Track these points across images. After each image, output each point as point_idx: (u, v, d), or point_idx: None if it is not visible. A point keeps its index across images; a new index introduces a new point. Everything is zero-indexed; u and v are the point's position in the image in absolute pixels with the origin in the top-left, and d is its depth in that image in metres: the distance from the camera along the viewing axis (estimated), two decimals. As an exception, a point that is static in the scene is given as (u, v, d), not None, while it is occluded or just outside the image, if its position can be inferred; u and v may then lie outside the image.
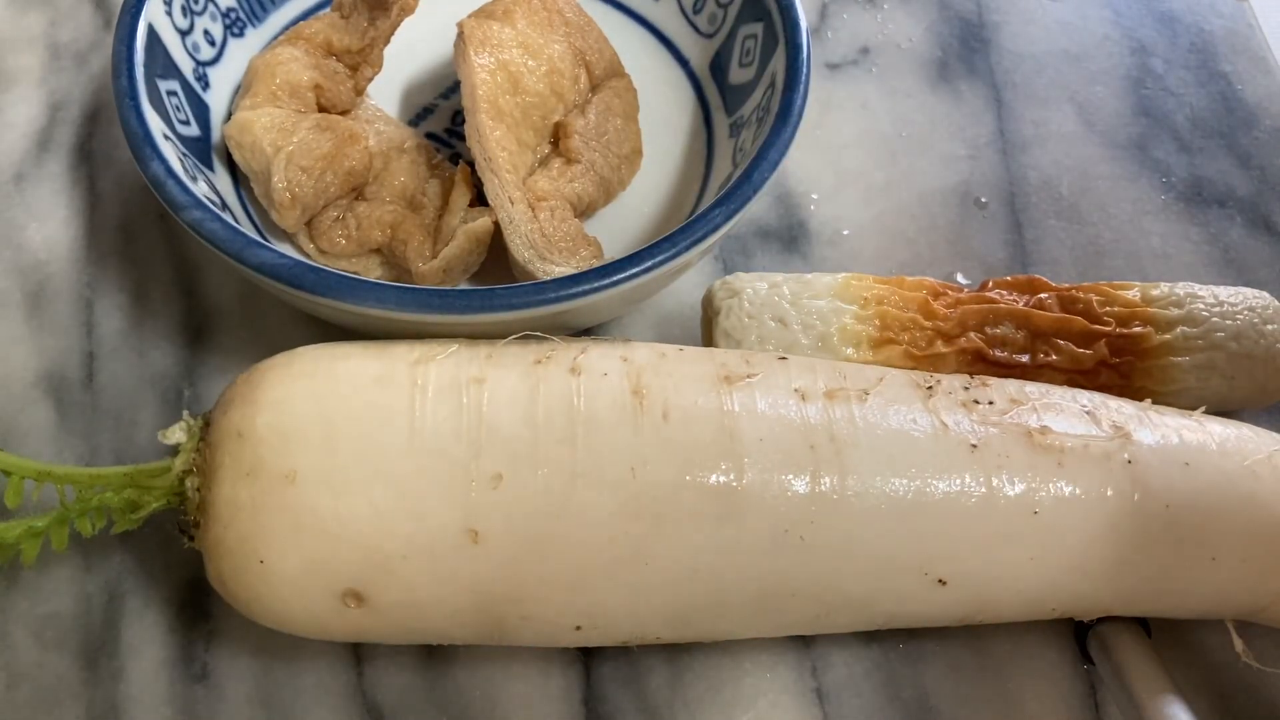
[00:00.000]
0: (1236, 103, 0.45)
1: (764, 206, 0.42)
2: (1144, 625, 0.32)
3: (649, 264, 0.32)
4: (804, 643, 0.33)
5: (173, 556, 0.33)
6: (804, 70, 0.37)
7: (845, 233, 0.41)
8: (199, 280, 0.39)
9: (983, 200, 0.42)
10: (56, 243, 0.39)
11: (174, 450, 0.30)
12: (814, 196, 0.42)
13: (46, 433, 0.35)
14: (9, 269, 0.39)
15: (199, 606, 0.33)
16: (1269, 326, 0.34)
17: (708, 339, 0.35)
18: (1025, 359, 0.34)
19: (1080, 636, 0.32)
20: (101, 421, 0.36)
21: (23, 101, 0.43)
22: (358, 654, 0.32)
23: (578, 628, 0.29)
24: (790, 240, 0.41)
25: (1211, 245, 0.41)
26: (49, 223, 0.40)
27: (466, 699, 0.32)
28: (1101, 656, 0.31)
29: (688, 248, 0.33)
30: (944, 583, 0.29)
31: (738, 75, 0.40)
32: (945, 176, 0.43)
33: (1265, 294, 0.35)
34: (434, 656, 0.32)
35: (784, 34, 0.38)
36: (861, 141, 0.44)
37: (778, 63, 0.38)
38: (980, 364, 0.33)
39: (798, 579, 0.29)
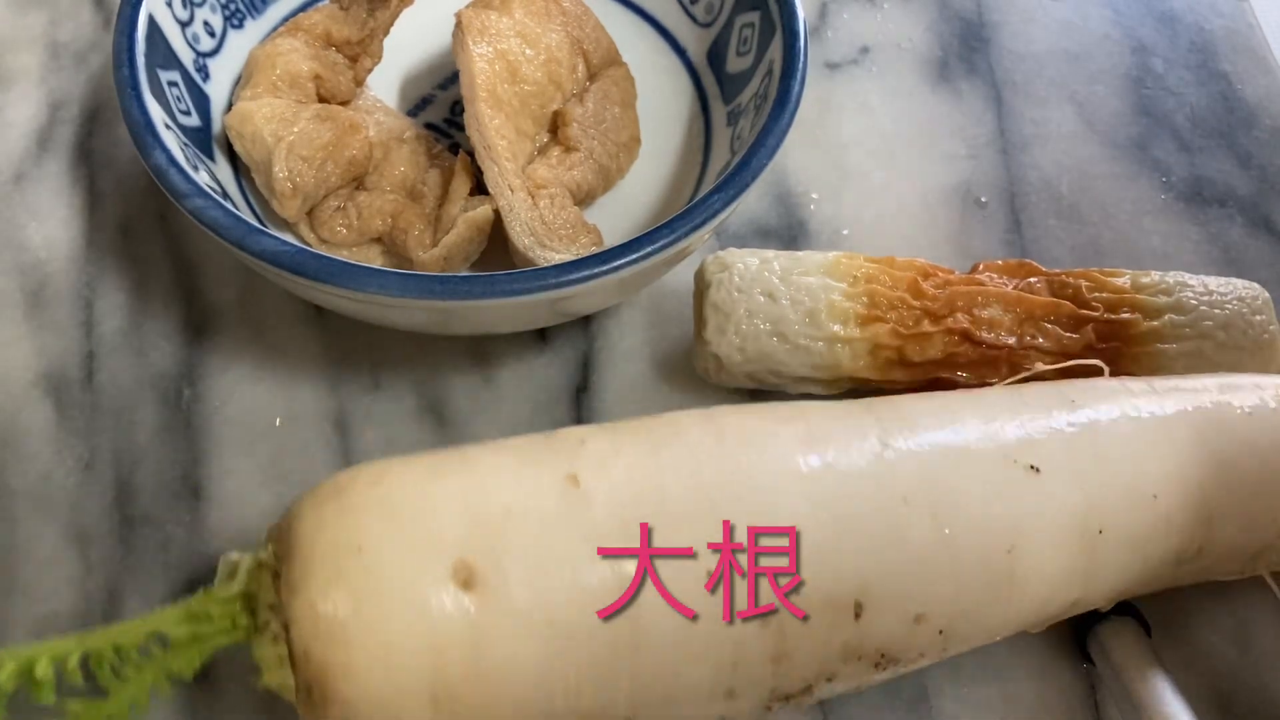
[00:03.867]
0: (1237, 102, 0.45)
1: (764, 206, 0.42)
2: (1144, 625, 0.32)
3: (648, 250, 0.32)
4: (804, 643, 0.33)
5: (172, 556, 0.33)
6: (801, 57, 0.37)
7: (845, 232, 0.41)
8: (199, 280, 0.39)
9: (983, 200, 0.42)
10: (56, 242, 0.39)
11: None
12: (814, 196, 0.42)
13: (46, 432, 0.35)
14: (9, 268, 0.39)
15: (199, 606, 0.33)
16: (1258, 317, 0.35)
17: (698, 313, 0.35)
18: (1012, 341, 0.34)
19: (1080, 636, 0.32)
20: (101, 421, 0.36)
21: (22, 101, 0.43)
22: (358, 654, 0.32)
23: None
24: (790, 240, 0.41)
25: (1211, 245, 0.41)
26: (49, 222, 0.40)
27: (466, 699, 0.32)
28: (1101, 656, 0.31)
29: (687, 234, 0.33)
30: None
31: (735, 64, 0.41)
32: (945, 176, 0.43)
33: (1255, 285, 0.35)
34: (434, 656, 0.32)
35: (781, 22, 0.38)
36: (861, 141, 0.44)
37: (775, 50, 0.38)
38: (967, 344, 0.34)
39: None
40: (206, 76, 0.39)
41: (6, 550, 0.33)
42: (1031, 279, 0.35)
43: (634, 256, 0.32)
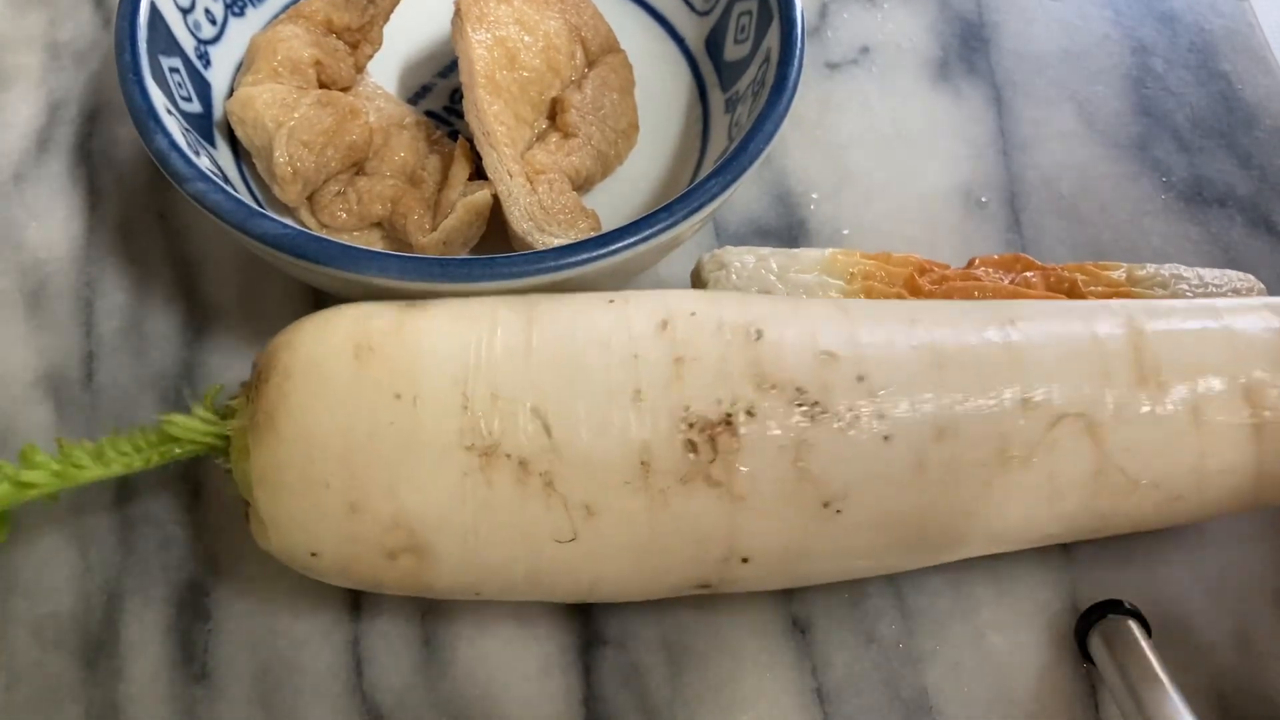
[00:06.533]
0: (1237, 102, 0.45)
1: (764, 206, 0.42)
2: (1144, 624, 0.32)
3: (646, 233, 0.33)
4: (804, 642, 0.33)
5: (172, 556, 0.33)
6: (798, 44, 0.37)
7: (845, 232, 0.41)
8: (199, 280, 0.39)
9: (983, 200, 0.42)
10: (56, 242, 0.39)
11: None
12: (814, 196, 0.42)
13: (46, 433, 0.35)
14: (9, 268, 0.39)
15: (199, 606, 0.33)
16: None
17: None
18: None
19: (1080, 635, 0.32)
20: (101, 421, 0.36)
21: (22, 101, 0.43)
22: (358, 655, 0.32)
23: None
24: (790, 240, 0.41)
25: (1212, 245, 0.41)
26: (48, 222, 0.40)
27: (466, 699, 0.32)
28: (1101, 656, 0.31)
29: (684, 217, 0.33)
30: None
31: (733, 51, 0.41)
32: (946, 176, 0.43)
33: (1250, 276, 0.35)
34: (434, 657, 0.32)
35: (778, 9, 0.38)
36: (862, 141, 0.44)
37: (772, 38, 0.38)
38: None
39: None
40: (208, 63, 0.39)
41: (6, 550, 0.33)
42: (1027, 273, 0.35)
43: (632, 240, 0.32)
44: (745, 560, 0.29)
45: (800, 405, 0.28)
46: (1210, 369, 0.30)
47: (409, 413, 0.27)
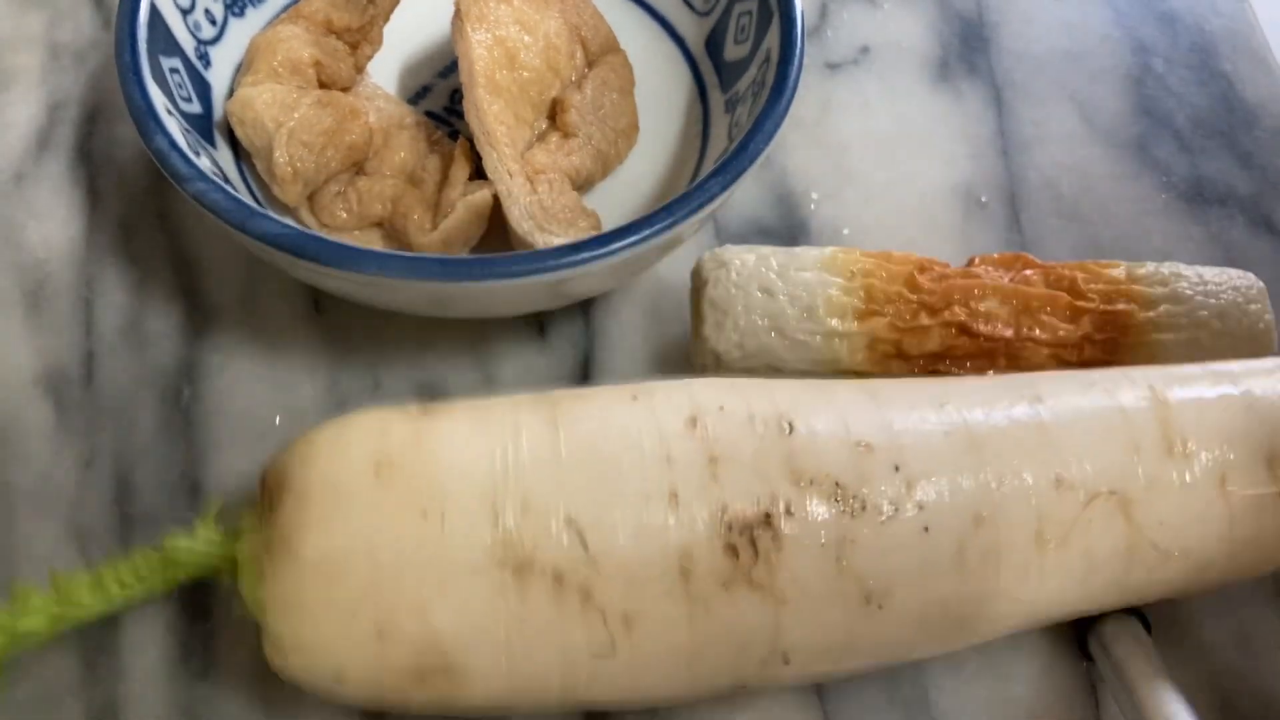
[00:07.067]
0: (1237, 102, 0.45)
1: (764, 206, 0.42)
2: (1144, 623, 0.32)
3: (646, 233, 0.33)
4: (804, 642, 0.33)
5: (172, 556, 0.33)
6: (798, 44, 0.37)
7: (846, 232, 0.41)
8: (198, 279, 0.39)
9: (983, 200, 0.42)
10: (56, 242, 0.39)
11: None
12: (814, 196, 0.42)
13: (46, 432, 0.35)
14: (8, 268, 0.39)
15: (199, 605, 0.33)
16: (1252, 306, 0.35)
17: (696, 310, 0.35)
18: (1010, 333, 0.34)
19: (1080, 635, 0.32)
20: (100, 421, 0.36)
21: (22, 101, 0.43)
22: (357, 653, 0.32)
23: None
24: (791, 240, 0.41)
25: (1213, 245, 0.41)
26: (48, 222, 0.40)
27: (466, 698, 0.32)
28: (1101, 654, 0.31)
29: (684, 217, 0.33)
30: None
31: (733, 51, 0.41)
32: (946, 176, 0.43)
33: (1250, 275, 0.35)
34: (434, 656, 0.32)
35: (778, 9, 0.38)
36: (862, 141, 0.44)
37: (772, 38, 0.38)
38: (964, 337, 0.34)
39: None
40: (208, 63, 0.39)
41: (6, 549, 0.33)
42: (1027, 271, 0.35)
43: (632, 240, 0.32)
44: (786, 661, 0.28)
45: (839, 500, 0.27)
46: (1235, 437, 0.30)
47: (436, 531, 0.27)
